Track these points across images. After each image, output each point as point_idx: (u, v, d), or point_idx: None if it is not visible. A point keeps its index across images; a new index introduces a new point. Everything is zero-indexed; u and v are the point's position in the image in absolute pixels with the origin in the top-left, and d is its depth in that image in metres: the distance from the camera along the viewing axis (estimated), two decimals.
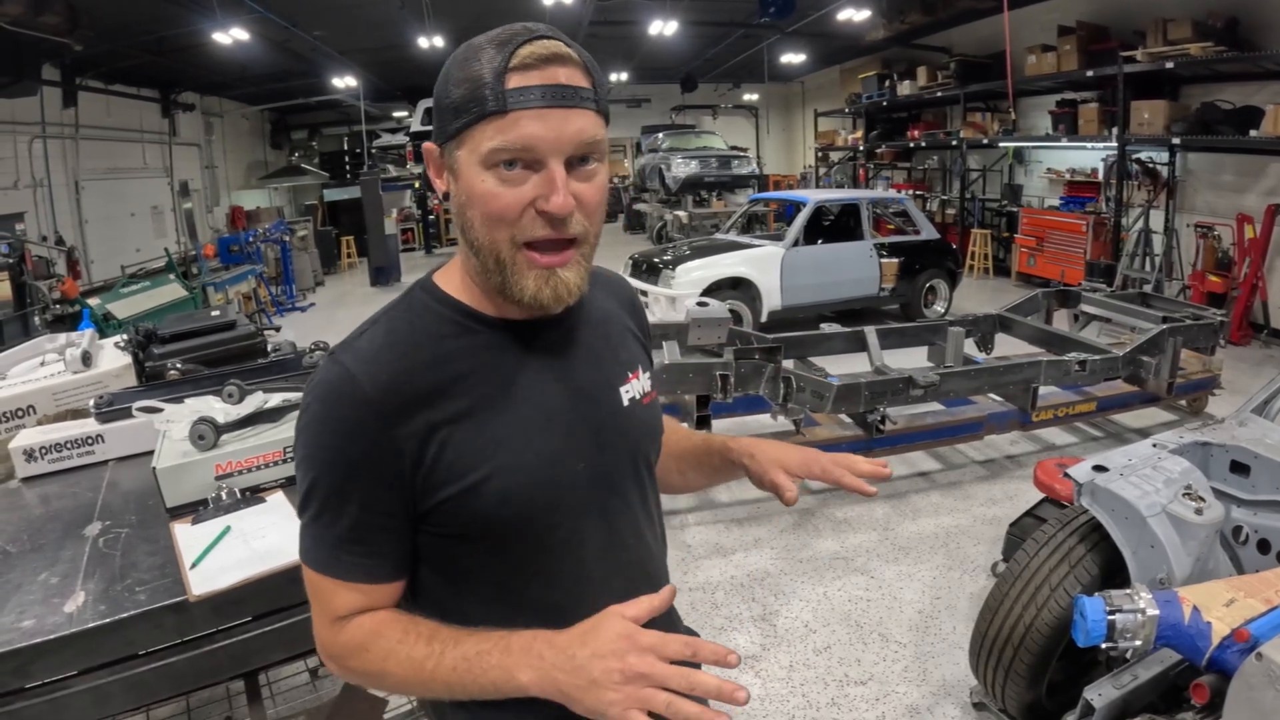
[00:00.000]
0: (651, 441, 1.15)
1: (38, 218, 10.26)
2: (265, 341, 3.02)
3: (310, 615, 1.00)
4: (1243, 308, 7.80)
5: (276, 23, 10.38)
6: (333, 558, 0.95)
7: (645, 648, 0.84)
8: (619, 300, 1.20)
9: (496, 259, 0.93)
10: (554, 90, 0.88)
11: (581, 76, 0.91)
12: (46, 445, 2.15)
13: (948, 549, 3.98)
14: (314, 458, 0.94)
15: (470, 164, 0.91)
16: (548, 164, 0.89)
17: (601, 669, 0.83)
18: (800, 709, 2.91)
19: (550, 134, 0.88)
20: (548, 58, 0.89)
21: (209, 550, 1.60)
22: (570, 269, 0.95)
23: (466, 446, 0.94)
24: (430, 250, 18.24)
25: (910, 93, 13.59)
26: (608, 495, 1.04)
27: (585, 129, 0.90)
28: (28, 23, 8.03)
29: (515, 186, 0.90)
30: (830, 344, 5.16)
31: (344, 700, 2.05)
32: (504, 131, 0.87)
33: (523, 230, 0.91)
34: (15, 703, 1.34)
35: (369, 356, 0.95)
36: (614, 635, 0.85)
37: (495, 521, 0.95)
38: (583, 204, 0.93)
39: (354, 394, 0.92)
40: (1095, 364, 4.63)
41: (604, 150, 0.95)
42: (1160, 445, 2.63)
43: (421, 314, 1.00)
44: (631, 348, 1.16)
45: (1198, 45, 7.79)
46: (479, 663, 0.89)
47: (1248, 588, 1.92)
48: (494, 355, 0.99)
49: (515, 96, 0.87)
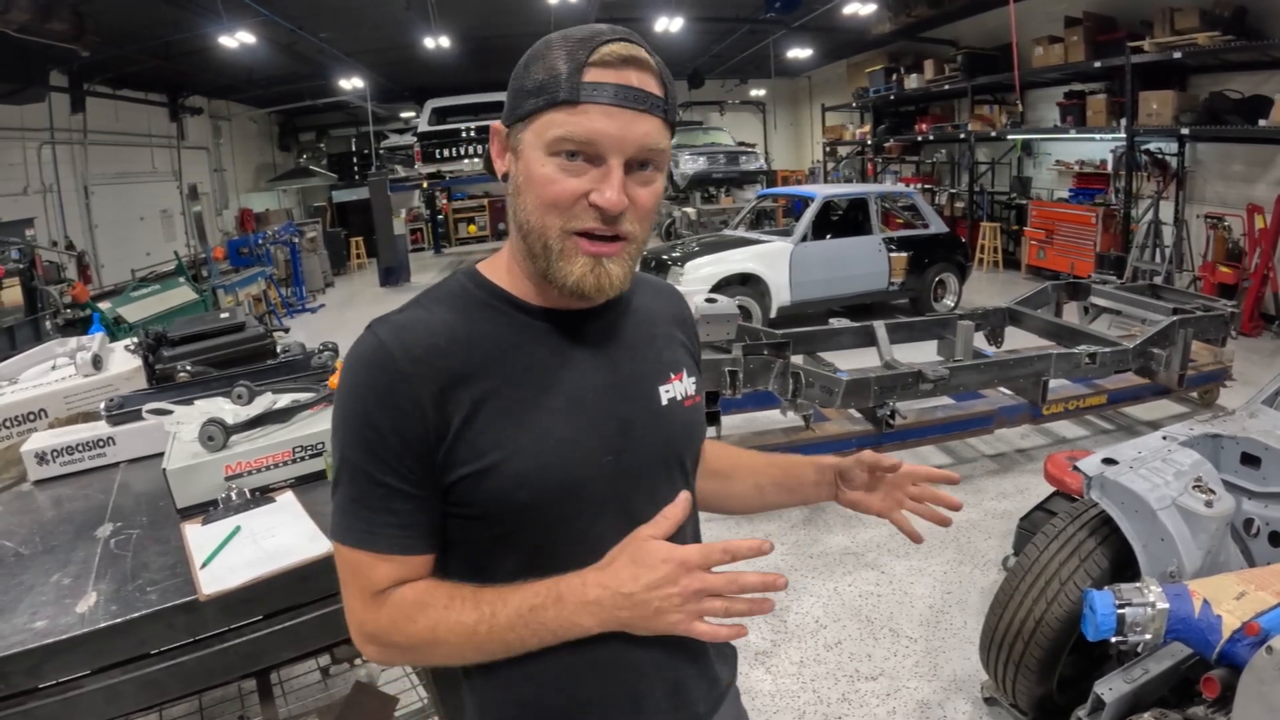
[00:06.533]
0: (689, 443, 1.15)
1: (48, 223, 10.33)
2: (274, 343, 3.03)
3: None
4: (1254, 299, 7.74)
5: (283, 25, 10.41)
6: (367, 531, 0.96)
7: (694, 566, 0.90)
8: (669, 308, 1.21)
9: (544, 244, 0.95)
10: (627, 91, 0.90)
11: (655, 83, 0.93)
12: (58, 448, 2.17)
13: (958, 543, 3.97)
14: (346, 426, 0.96)
15: (534, 147, 0.93)
16: (608, 161, 0.91)
17: (661, 597, 0.90)
18: (811, 704, 2.91)
19: (616, 132, 0.90)
20: (626, 59, 0.91)
21: (219, 550, 1.61)
22: (616, 262, 0.96)
23: (489, 426, 0.95)
24: (439, 250, 18.28)
25: (917, 86, 13.55)
26: (633, 492, 1.04)
27: (650, 134, 0.92)
28: (35, 30, 8.07)
29: (573, 176, 0.92)
30: (839, 339, 5.15)
31: (355, 698, 2.06)
32: (572, 122, 0.90)
33: (574, 219, 0.93)
34: (29, 702, 1.35)
35: (403, 329, 0.97)
36: (659, 562, 0.91)
37: (511, 505, 0.96)
38: (636, 206, 0.95)
39: (385, 362, 0.94)
40: (1105, 357, 4.61)
41: (665, 160, 0.97)
42: (1170, 438, 2.61)
43: (460, 296, 1.03)
44: (677, 350, 1.17)
45: (1205, 35, 7.73)
46: (535, 618, 0.92)
47: (1258, 581, 1.91)
48: (528, 341, 1.01)
49: (589, 90, 0.89)
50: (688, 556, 0.90)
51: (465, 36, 12.69)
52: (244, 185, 17.73)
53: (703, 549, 0.91)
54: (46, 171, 10.39)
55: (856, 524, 4.22)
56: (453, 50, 12.76)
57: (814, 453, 4.51)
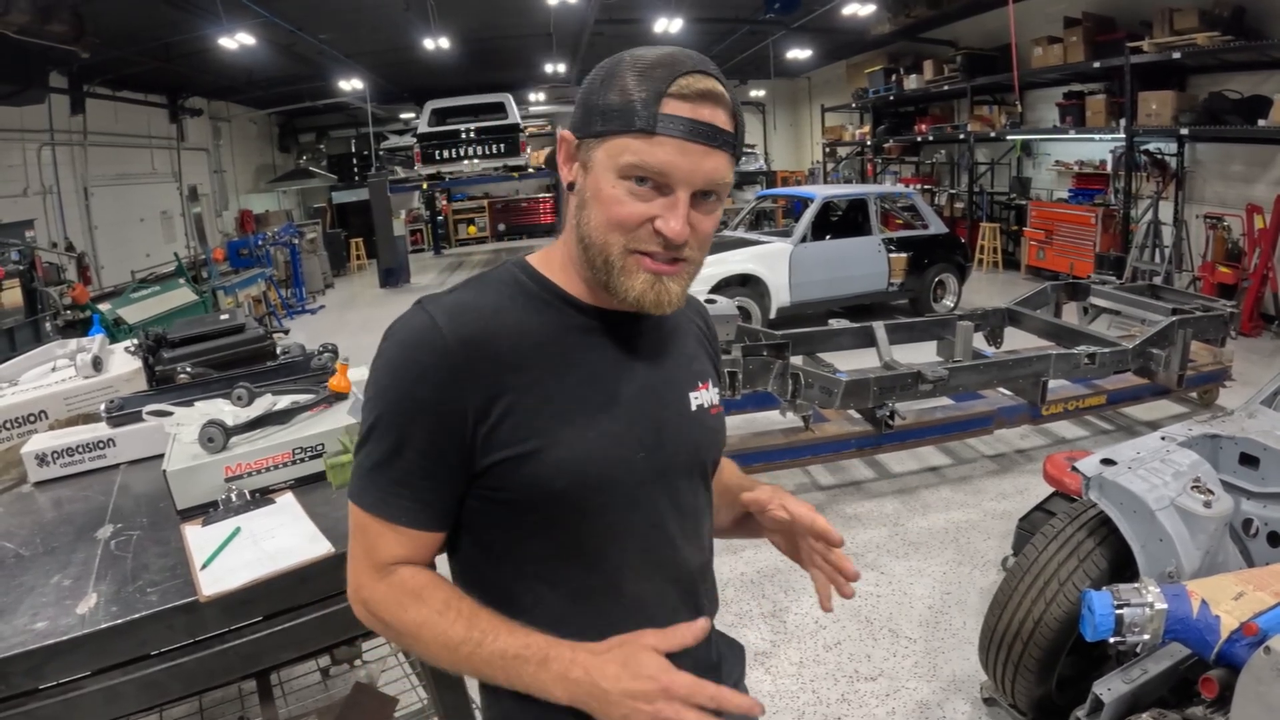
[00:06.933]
0: (712, 450, 1.18)
1: (48, 224, 10.33)
2: (274, 344, 3.03)
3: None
4: (1253, 299, 7.74)
5: (282, 27, 10.41)
6: (383, 499, 0.99)
7: (675, 695, 0.89)
8: (697, 320, 1.25)
9: (606, 259, 0.97)
10: (701, 128, 0.93)
11: (726, 119, 0.95)
12: (58, 450, 2.17)
13: (958, 544, 3.98)
14: (383, 396, 0.98)
15: (605, 167, 0.95)
16: (676, 192, 0.94)
17: (631, 709, 0.89)
18: (810, 705, 2.91)
19: (687, 166, 0.93)
20: (704, 93, 0.93)
21: (219, 551, 1.61)
22: (676, 280, 1.00)
23: (532, 414, 0.97)
24: (439, 251, 18.29)
25: (917, 87, 13.55)
26: (661, 491, 1.06)
27: (718, 169, 0.95)
28: (35, 31, 8.07)
29: (641, 201, 0.95)
30: (838, 339, 5.15)
31: (355, 699, 2.06)
32: (646, 151, 0.92)
33: (636, 240, 0.96)
34: (29, 703, 1.36)
35: (455, 310, 0.99)
36: (647, 677, 0.90)
37: (547, 492, 0.98)
38: (697, 233, 0.98)
39: (434, 341, 0.96)
40: (1105, 357, 4.62)
41: (727, 189, 0.99)
42: (1169, 438, 2.62)
43: (511, 285, 1.05)
44: (704, 361, 1.21)
45: (1205, 35, 7.74)
46: (515, 667, 0.94)
47: (1257, 581, 1.92)
48: (575, 336, 1.03)
49: (665, 122, 0.92)
50: (675, 684, 0.89)
51: (465, 38, 12.69)
52: (244, 186, 17.72)
53: (693, 684, 0.90)
54: (46, 173, 10.38)
55: (856, 525, 4.22)
56: (452, 51, 12.76)
57: (813, 452, 4.52)
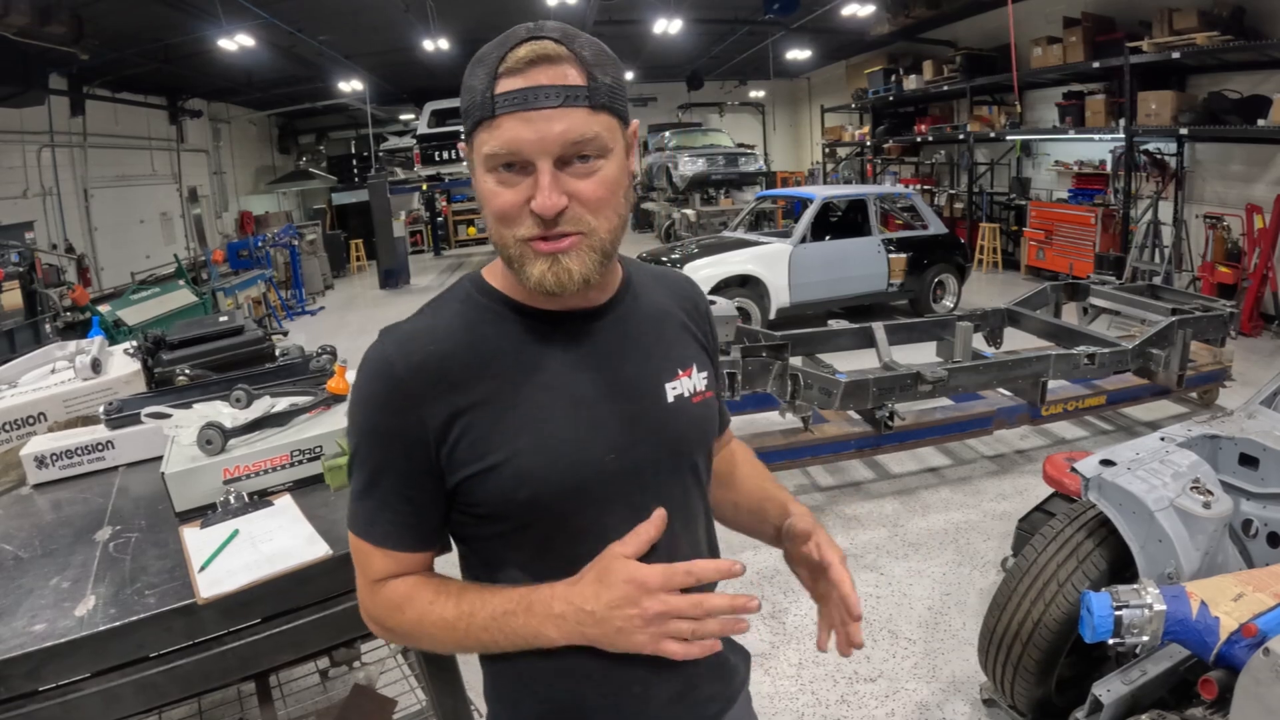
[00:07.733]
0: (698, 441, 1.14)
1: (47, 226, 10.34)
2: (273, 346, 3.03)
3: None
4: (1253, 299, 7.74)
5: (281, 28, 10.42)
6: (368, 524, 1.03)
7: (655, 589, 0.91)
8: (680, 300, 1.20)
9: (508, 255, 0.97)
10: (535, 92, 0.89)
11: (574, 73, 0.91)
12: (57, 452, 2.17)
13: (957, 545, 3.98)
14: (357, 428, 1.02)
15: (478, 165, 0.95)
16: (537, 165, 0.91)
17: (622, 618, 0.92)
18: (810, 706, 2.91)
19: (533, 136, 0.89)
20: (533, 60, 0.89)
21: (217, 553, 1.61)
22: (572, 257, 0.94)
23: (489, 429, 0.98)
24: (439, 252, 18.29)
25: (916, 87, 13.56)
26: (638, 489, 1.04)
27: (572, 128, 0.90)
28: (34, 33, 8.08)
29: (510, 188, 0.93)
30: (838, 340, 5.16)
31: (354, 701, 2.07)
32: (494, 136, 0.90)
33: (521, 228, 0.94)
34: (28, 705, 1.36)
35: (407, 338, 1.01)
36: (621, 582, 0.92)
37: (513, 503, 0.99)
38: (582, 200, 0.93)
39: (387, 372, 0.98)
40: (1104, 357, 4.61)
41: (604, 145, 0.93)
42: (1168, 439, 2.61)
43: (464, 301, 1.05)
44: (687, 346, 1.16)
45: (1204, 35, 7.74)
46: (507, 623, 0.96)
47: (1256, 582, 1.91)
48: (530, 343, 1.02)
49: (502, 101, 0.89)
50: (648, 578, 0.92)
51: (464, 39, 12.69)
52: (243, 188, 17.74)
53: (665, 570, 0.92)
54: (46, 175, 10.40)
55: (855, 526, 4.22)
56: (452, 52, 12.76)
57: (813, 453, 4.52)
